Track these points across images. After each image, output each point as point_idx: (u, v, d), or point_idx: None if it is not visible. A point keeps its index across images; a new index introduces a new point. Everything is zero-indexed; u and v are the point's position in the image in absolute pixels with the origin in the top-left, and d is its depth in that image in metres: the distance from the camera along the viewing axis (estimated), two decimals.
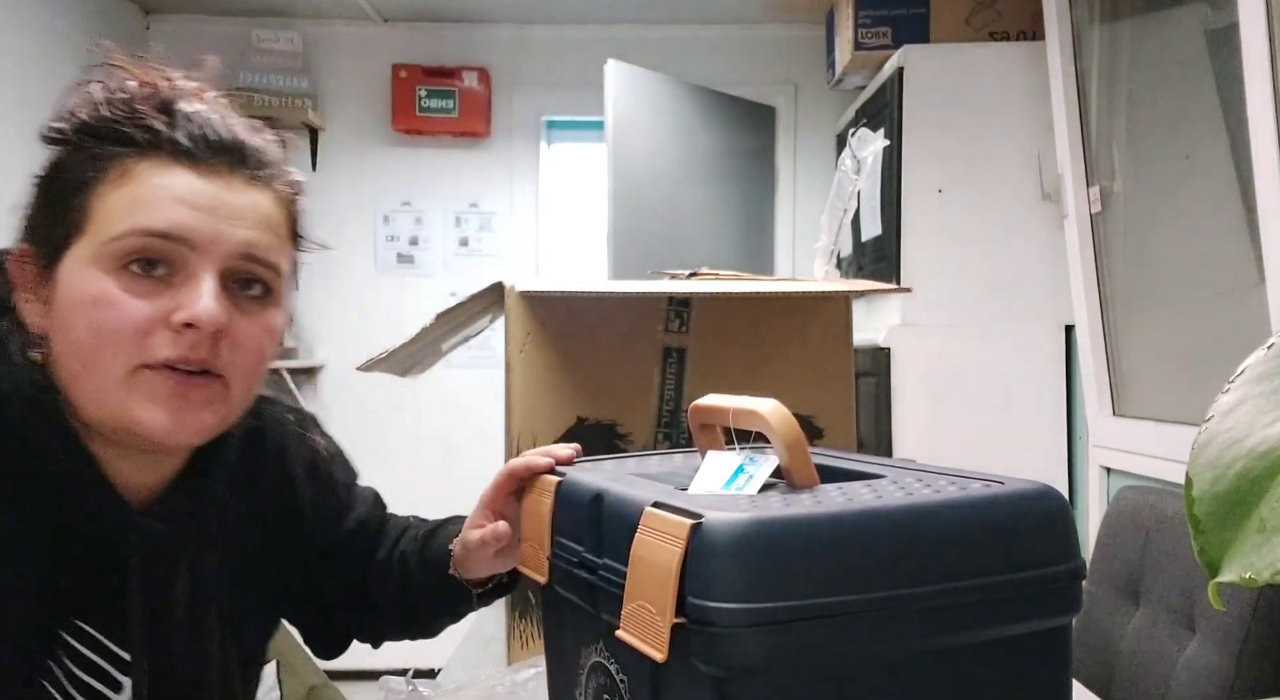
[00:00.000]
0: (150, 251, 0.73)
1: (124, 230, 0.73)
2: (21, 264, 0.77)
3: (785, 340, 1.30)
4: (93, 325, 0.72)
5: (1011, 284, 2.57)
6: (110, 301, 0.72)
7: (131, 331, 0.72)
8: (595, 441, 1.24)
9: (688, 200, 3.30)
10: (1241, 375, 0.40)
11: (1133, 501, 1.60)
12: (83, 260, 0.73)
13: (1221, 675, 1.27)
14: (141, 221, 0.73)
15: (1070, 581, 0.65)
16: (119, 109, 0.75)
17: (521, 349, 1.21)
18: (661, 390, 1.27)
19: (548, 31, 3.70)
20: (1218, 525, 0.38)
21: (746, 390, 1.27)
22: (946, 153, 2.59)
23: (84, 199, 0.74)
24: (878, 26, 2.81)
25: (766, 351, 1.29)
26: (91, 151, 0.75)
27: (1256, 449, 0.38)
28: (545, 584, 0.78)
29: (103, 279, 0.72)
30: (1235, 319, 1.91)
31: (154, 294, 0.73)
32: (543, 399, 1.23)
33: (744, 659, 0.57)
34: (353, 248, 3.70)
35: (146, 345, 0.73)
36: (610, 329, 1.24)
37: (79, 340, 0.73)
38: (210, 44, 3.62)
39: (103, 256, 0.73)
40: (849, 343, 1.33)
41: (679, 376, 1.27)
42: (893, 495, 0.65)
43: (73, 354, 0.74)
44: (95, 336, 0.72)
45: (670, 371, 1.27)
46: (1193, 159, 2.04)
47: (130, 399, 0.73)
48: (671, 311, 1.27)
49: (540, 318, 1.22)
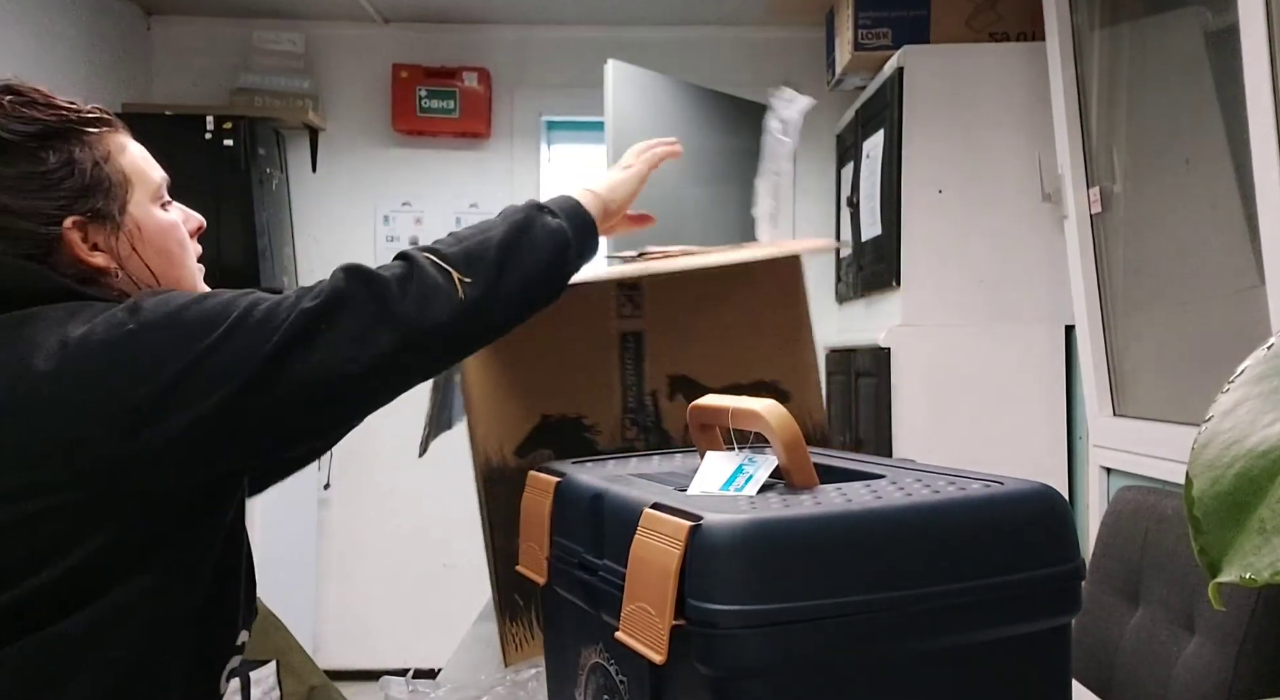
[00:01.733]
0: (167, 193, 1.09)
1: (159, 179, 1.07)
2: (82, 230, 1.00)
3: (740, 309, 1.28)
4: (181, 240, 1.08)
5: (1011, 284, 2.57)
6: (179, 224, 1.08)
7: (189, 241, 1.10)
8: (563, 438, 1.23)
9: (688, 200, 3.30)
10: (1241, 375, 0.40)
11: (1133, 501, 1.60)
12: (146, 203, 1.05)
13: (1221, 675, 1.27)
14: (160, 173, 1.08)
15: (1070, 581, 0.65)
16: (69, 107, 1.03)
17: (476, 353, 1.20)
18: (623, 377, 1.25)
19: (548, 32, 3.70)
20: (1218, 525, 0.38)
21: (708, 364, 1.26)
22: (946, 153, 2.59)
23: (116, 169, 1.03)
24: (878, 27, 2.81)
25: (725, 322, 1.27)
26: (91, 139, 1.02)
27: (1256, 449, 0.38)
28: (545, 584, 0.78)
29: (164, 213, 1.07)
30: (1235, 319, 1.91)
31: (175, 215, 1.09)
32: (505, 402, 1.21)
33: (743, 660, 0.57)
34: (353, 248, 3.70)
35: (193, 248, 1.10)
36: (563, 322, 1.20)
37: (176, 253, 1.06)
38: (211, 44, 3.64)
39: (155, 198, 1.06)
40: (804, 305, 1.31)
41: (638, 360, 1.25)
42: (892, 496, 0.65)
43: (173, 263, 1.06)
44: (183, 247, 1.08)
45: (629, 357, 1.25)
46: (1193, 160, 2.04)
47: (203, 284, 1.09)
48: (623, 296, 1.25)
49: None
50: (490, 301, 0.97)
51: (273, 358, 0.89)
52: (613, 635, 0.63)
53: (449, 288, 0.95)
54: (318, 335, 0.91)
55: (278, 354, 0.89)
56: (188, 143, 3.15)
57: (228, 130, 3.20)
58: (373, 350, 0.91)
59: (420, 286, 0.94)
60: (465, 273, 0.96)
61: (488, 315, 0.98)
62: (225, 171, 3.19)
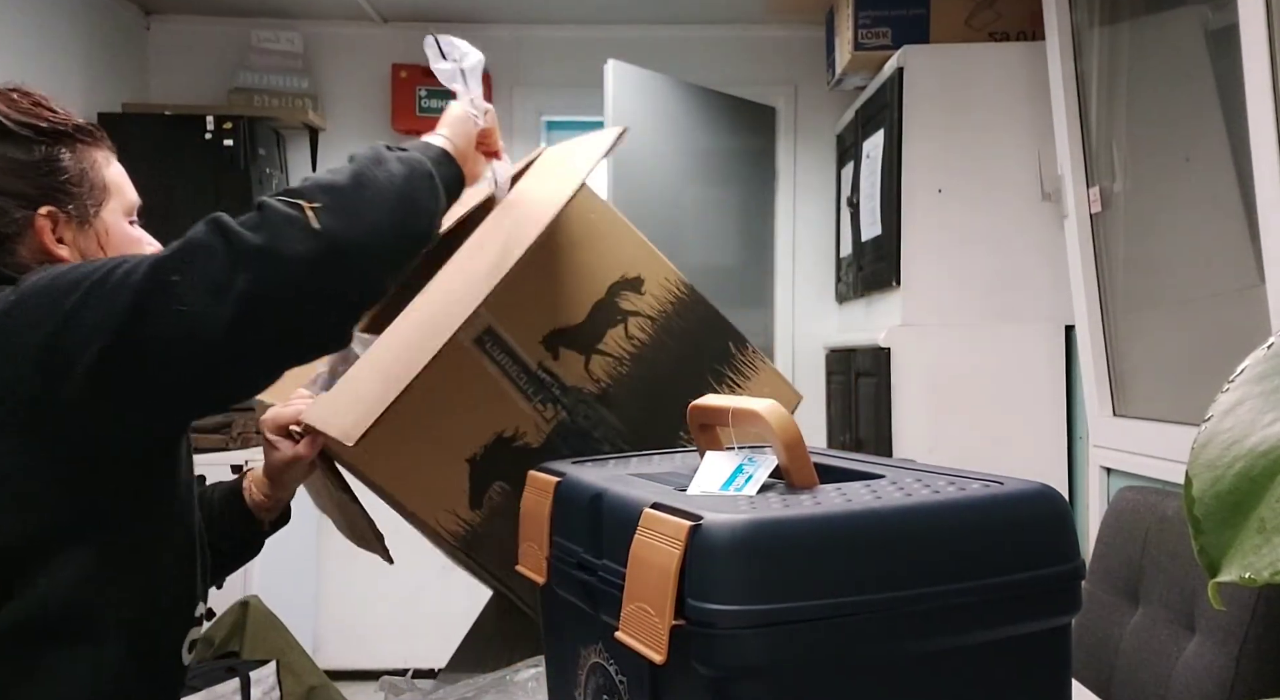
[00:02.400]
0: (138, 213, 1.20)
1: (133, 199, 1.18)
2: (54, 221, 1.09)
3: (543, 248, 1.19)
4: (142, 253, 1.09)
5: (1011, 284, 2.57)
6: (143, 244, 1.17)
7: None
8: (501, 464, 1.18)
9: (688, 200, 3.30)
10: (1241, 375, 0.40)
11: (1133, 501, 1.60)
12: (118, 214, 1.16)
13: (1221, 675, 1.27)
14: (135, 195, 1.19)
15: (1070, 582, 0.65)
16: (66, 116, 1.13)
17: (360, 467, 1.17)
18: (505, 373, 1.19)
19: (548, 31, 3.70)
20: (1218, 525, 0.38)
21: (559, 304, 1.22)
22: (946, 153, 2.59)
23: (99, 176, 1.14)
24: (878, 27, 2.81)
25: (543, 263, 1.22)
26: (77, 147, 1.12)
27: (1256, 449, 0.38)
28: (544, 584, 0.78)
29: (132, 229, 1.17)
30: (1235, 319, 1.91)
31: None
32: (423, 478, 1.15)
33: (743, 660, 0.57)
34: None
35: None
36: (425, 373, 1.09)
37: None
38: (210, 44, 3.64)
39: (125, 213, 1.17)
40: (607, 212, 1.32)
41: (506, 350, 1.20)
42: (892, 496, 0.65)
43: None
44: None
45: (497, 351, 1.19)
46: (1193, 159, 2.04)
47: None
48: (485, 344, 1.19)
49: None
50: (349, 228, 0.94)
51: (132, 308, 0.91)
52: (612, 635, 0.63)
53: (300, 218, 0.93)
54: (171, 286, 0.91)
55: (136, 306, 0.91)
56: (187, 143, 3.15)
57: (227, 130, 3.20)
58: (231, 293, 0.90)
59: (269, 222, 0.93)
60: (315, 200, 0.94)
61: (350, 244, 0.94)
62: (225, 171, 3.19)
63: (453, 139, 1.15)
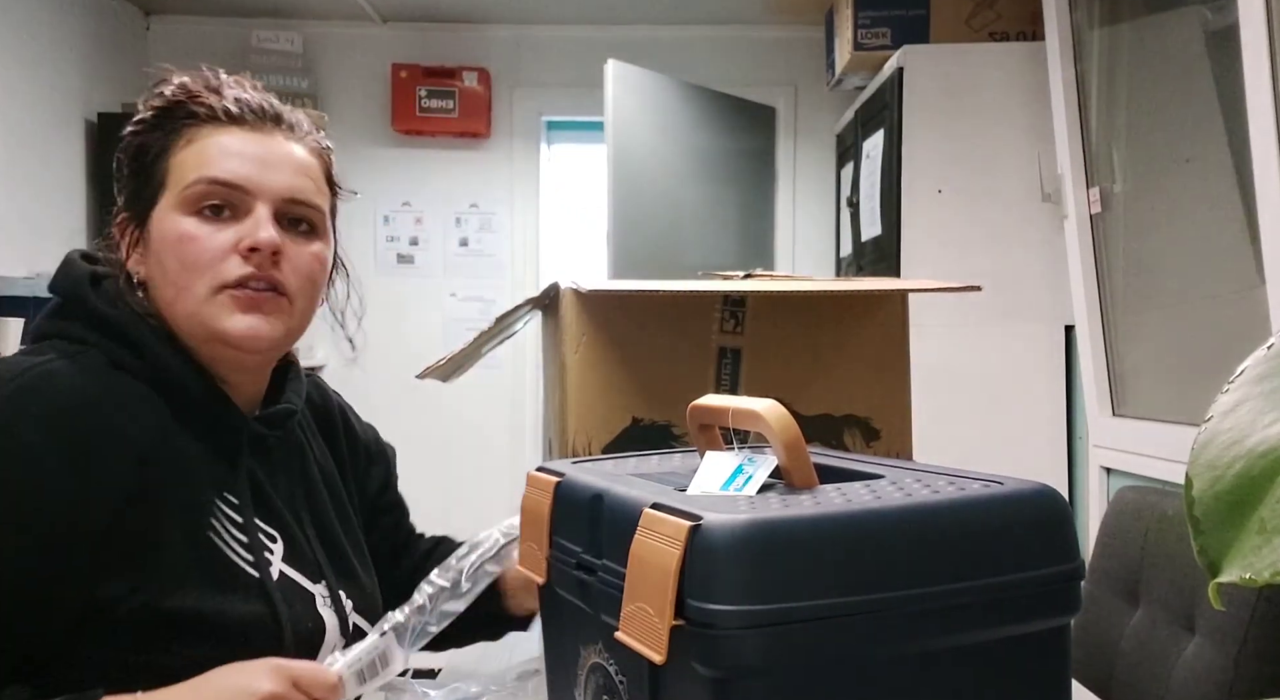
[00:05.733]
0: (215, 196, 0.92)
1: (194, 179, 0.92)
2: (122, 227, 0.96)
3: (841, 340, 1.28)
4: (181, 257, 0.92)
5: (1011, 284, 2.57)
6: (192, 237, 0.92)
7: (209, 258, 0.92)
8: (650, 443, 1.21)
9: (688, 200, 3.30)
10: (1241, 375, 0.40)
11: (1133, 501, 1.60)
12: (167, 208, 0.93)
13: (1221, 675, 1.27)
14: (207, 171, 0.92)
15: (1069, 582, 0.65)
16: (181, 93, 0.95)
17: (576, 350, 1.20)
18: (717, 391, 1.25)
19: (548, 31, 3.70)
20: (1218, 525, 0.38)
21: (803, 391, 1.27)
22: (946, 153, 2.59)
23: (164, 164, 0.94)
24: (877, 27, 2.81)
25: (822, 351, 1.28)
26: (165, 128, 0.94)
27: (1256, 449, 0.38)
28: (544, 584, 0.78)
29: (184, 220, 0.92)
30: (1235, 319, 1.91)
31: (223, 229, 0.92)
32: (598, 400, 1.21)
33: (743, 660, 0.57)
34: (353, 248, 3.69)
35: (223, 269, 0.92)
36: (665, 330, 1.21)
37: (172, 270, 0.92)
38: (210, 44, 3.64)
39: (181, 203, 0.92)
40: (905, 342, 1.31)
41: (734, 377, 1.26)
42: (892, 496, 0.65)
43: (167, 283, 0.93)
44: (183, 265, 0.92)
45: (725, 372, 1.26)
46: (1193, 160, 2.04)
47: (216, 313, 0.92)
48: (726, 312, 1.26)
49: (595, 319, 1.21)
50: None
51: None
52: (612, 635, 0.63)
53: None
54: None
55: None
56: None
57: None
58: None
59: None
60: None
61: None
62: None
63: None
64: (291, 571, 0.97)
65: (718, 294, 1.24)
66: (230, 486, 0.95)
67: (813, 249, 3.68)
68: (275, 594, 0.93)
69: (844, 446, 1.26)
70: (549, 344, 1.32)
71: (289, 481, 1.03)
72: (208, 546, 0.90)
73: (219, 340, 0.94)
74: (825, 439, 1.26)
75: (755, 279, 1.28)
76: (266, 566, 0.94)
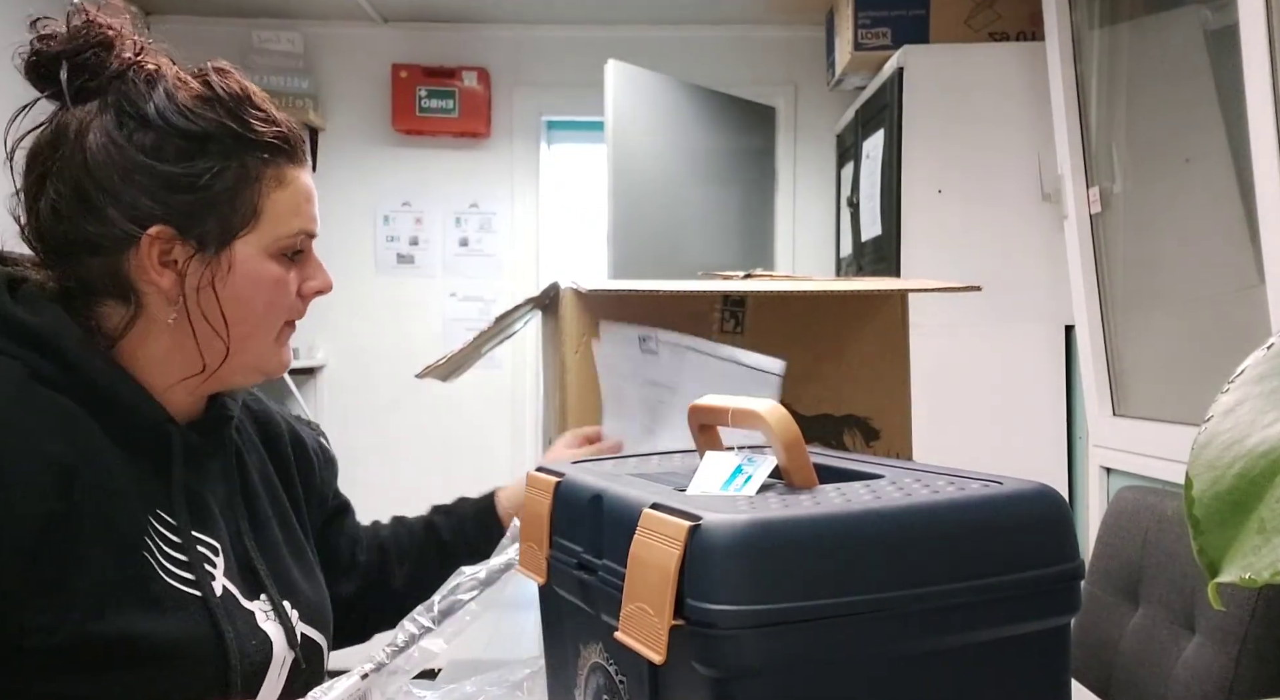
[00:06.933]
0: (303, 246, 0.98)
1: (296, 230, 0.95)
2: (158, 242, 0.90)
3: (841, 340, 1.28)
4: (272, 300, 0.96)
5: (1011, 284, 2.57)
6: (284, 282, 0.96)
7: (289, 302, 0.98)
8: None
9: (688, 200, 3.30)
10: (1241, 375, 0.40)
11: (1133, 501, 1.60)
12: (259, 248, 0.94)
13: (1221, 675, 1.27)
14: (306, 225, 0.96)
15: (1069, 582, 0.65)
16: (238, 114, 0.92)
17: (576, 350, 1.20)
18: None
19: (548, 31, 3.70)
20: (1217, 525, 0.38)
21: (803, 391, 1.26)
22: (946, 153, 2.59)
23: (252, 197, 0.92)
24: (877, 27, 2.81)
25: (821, 352, 1.28)
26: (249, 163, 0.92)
27: (1256, 449, 0.37)
28: (544, 584, 0.78)
29: (274, 266, 0.95)
30: (1235, 319, 1.91)
31: (290, 270, 0.97)
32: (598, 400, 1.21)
33: (743, 660, 0.57)
34: (353, 248, 3.70)
35: (292, 309, 0.99)
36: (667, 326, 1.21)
37: (257, 310, 0.95)
38: (210, 44, 3.63)
39: (277, 248, 0.95)
40: (905, 342, 1.30)
41: None
42: (891, 496, 0.65)
43: (246, 318, 0.95)
44: (271, 307, 0.96)
45: None
46: (1193, 160, 2.04)
47: (278, 347, 0.99)
48: (726, 312, 1.25)
49: (596, 319, 1.20)
50: None
51: None
52: (612, 635, 0.63)
53: None
54: None
55: None
56: None
57: None
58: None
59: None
60: None
61: None
62: None
63: None
64: (233, 587, 0.94)
65: (718, 294, 1.23)
66: (164, 502, 0.91)
67: (813, 249, 3.68)
68: (219, 611, 0.90)
69: (844, 446, 1.26)
70: (549, 344, 1.32)
71: (227, 490, 1.00)
72: (140, 567, 0.86)
73: (265, 371, 0.99)
74: (825, 439, 1.26)
75: (755, 279, 1.28)
76: (209, 582, 0.91)
